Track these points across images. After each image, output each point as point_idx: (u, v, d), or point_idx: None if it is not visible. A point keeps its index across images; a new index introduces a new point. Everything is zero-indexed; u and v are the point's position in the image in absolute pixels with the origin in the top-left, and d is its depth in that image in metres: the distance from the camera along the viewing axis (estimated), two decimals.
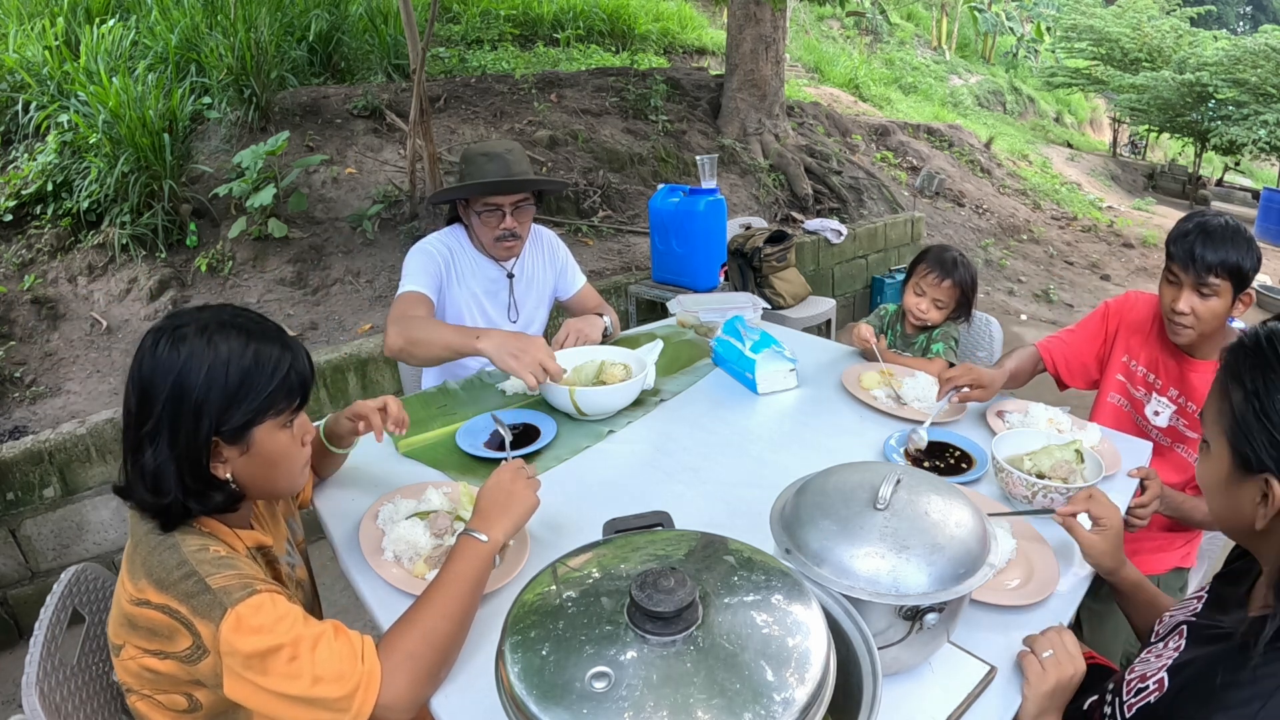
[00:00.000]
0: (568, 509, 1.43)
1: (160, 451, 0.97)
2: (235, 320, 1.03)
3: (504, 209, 2.03)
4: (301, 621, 0.93)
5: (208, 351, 0.98)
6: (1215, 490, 0.88)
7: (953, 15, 15.37)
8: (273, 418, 1.03)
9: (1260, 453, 0.79)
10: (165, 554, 0.96)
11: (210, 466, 1.01)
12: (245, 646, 0.90)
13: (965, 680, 1.04)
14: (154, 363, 0.98)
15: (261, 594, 0.93)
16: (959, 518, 0.99)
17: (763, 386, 1.93)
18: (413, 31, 4.01)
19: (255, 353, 1.00)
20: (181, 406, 0.97)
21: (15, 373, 3.21)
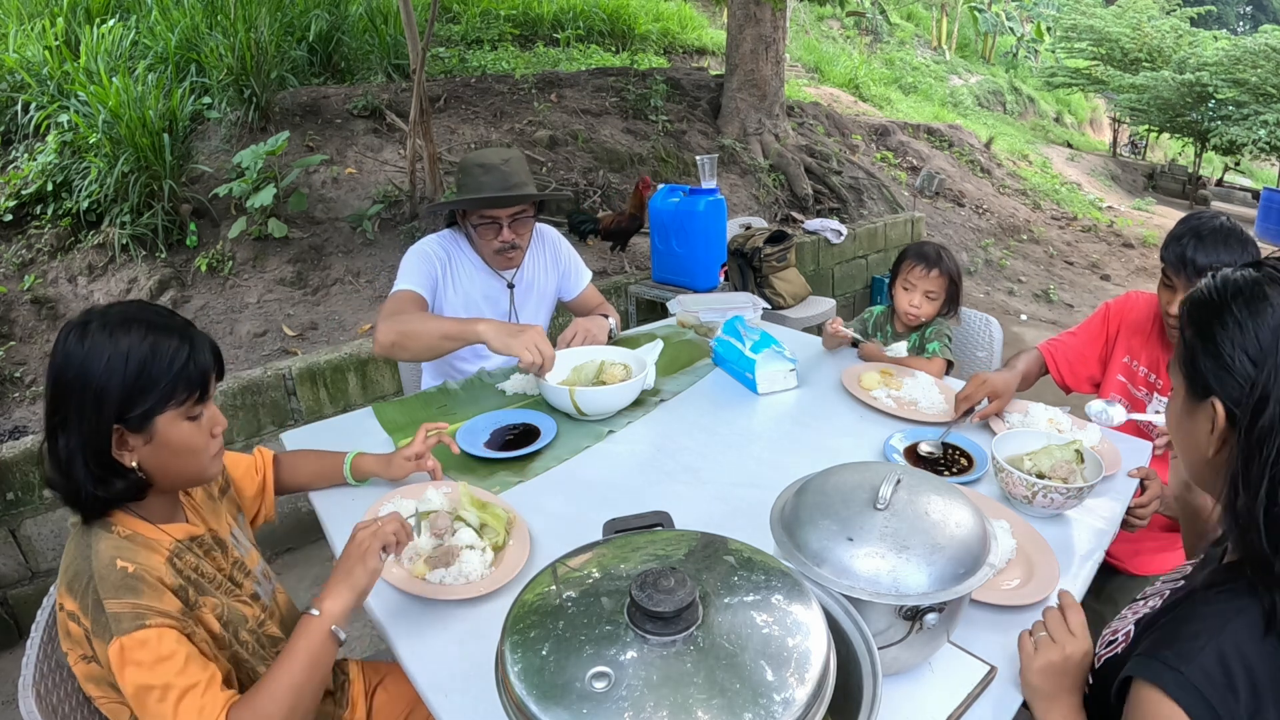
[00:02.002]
0: (568, 509, 1.42)
1: (71, 439, 1.01)
2: (139, 315, 1.06)
3: (501, 221, 2.00)
4: (178, 667, 0.95)
5: (109, 343, 1.01)
6: (1178, 426, 0.94)
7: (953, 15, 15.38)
8: (174, 408, 1.05)
9: (1207, 375, 0.85)
10: (81, 564, 1.00)
11: (116, 454, 1.03)
12: (123, 677, 0.93)
13: (965, 680, 1.03)
14: (63, 355, 1.02)
15: (149, 629, 0.95)
16: (959, 518, 0.99)
17: (763, 386, 1.93)
18: (413, 31, 4.01)
19: (153, 344, 1.03)
20: (85, 396, 1.00)
21: (15, 373, 3.21)
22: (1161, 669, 0.81)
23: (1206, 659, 0.79)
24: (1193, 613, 0.85)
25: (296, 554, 2.88)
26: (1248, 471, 0.80)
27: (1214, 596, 0.85)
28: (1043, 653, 0.97)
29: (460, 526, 1.32)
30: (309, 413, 3.02)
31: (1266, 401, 0.78)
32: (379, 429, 1.82)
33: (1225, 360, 0.83)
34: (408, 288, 1.98)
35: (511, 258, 2.09)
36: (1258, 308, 0.82)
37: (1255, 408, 0.79)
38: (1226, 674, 0.78)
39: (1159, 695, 0.80)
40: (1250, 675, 0.77)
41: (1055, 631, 0.99)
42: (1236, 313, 0.83)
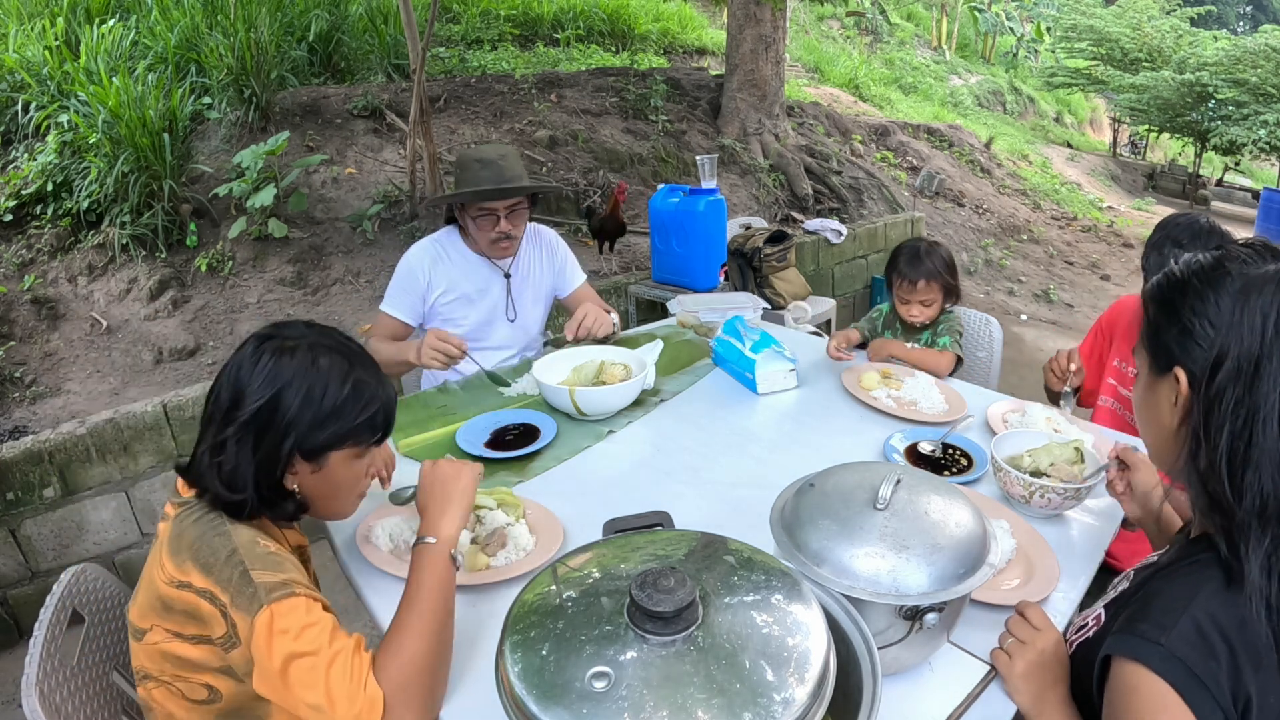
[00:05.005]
0: (568, 509, 1.42)
1: (243, 454, 1.01)
2: (341, 346, 1.07)
3: (498, 213, 2.06)
4: (329, 632, 0.94)
5: (311, 371, 1.02)
6: (1142, 405, 0.97)
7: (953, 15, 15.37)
8: (351, 446, 1.07)
9: (1170, 346, 0.89)
10: (216, 540, 0.98)
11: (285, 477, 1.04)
12: (272, 645, 0.91)
13: (965, 680, 1.04)
14: (254, 369, 1.01)
15: (298, 597, 0.94)
16: (959, 518, 0.99)
17: (763, 386, 1.93)
18: (413, 31, 4.01)
19: (355, 383, 1.04)
20: (274, 418, 1.00)
21: (15, 373, 3.21)
22: (1140, 643, 0.82)
23: (1184, 628, 0.80)
24: (1163, 587, 0.87)
25: None
26: (1208, 425, 0.83)
27: (1181, 569, 0.87)
28: (1019, 657, 0.98)
29: (484, 513, 1.34)
30: None
31: (1225, 356, 0.82)
32: None
33: (1186, 326, 0.87)
34: (386, 312, 2.14)
35: (506, 247, 2.15)
36: (1217, 279, 0.86)
37: (1214, 364, 0.83)
38: (1205, 640, 0.79)
39: (1141, 670, 0.81)
40: (1226, 638, 0.79)
41: (1022, 633, 1.00)
42: (1199, 286, 0.87)
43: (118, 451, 2.61)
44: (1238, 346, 0.81)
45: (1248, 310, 0.82)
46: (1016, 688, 0.98)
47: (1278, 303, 0.81)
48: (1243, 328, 0.81)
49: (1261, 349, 0.80)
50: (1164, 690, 0.79)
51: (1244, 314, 0.82)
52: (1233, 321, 0.82)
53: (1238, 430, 0.81)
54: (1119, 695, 0.83)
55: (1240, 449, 0.81)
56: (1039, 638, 0.98)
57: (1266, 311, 0.81)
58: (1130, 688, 0.82)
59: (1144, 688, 0.80)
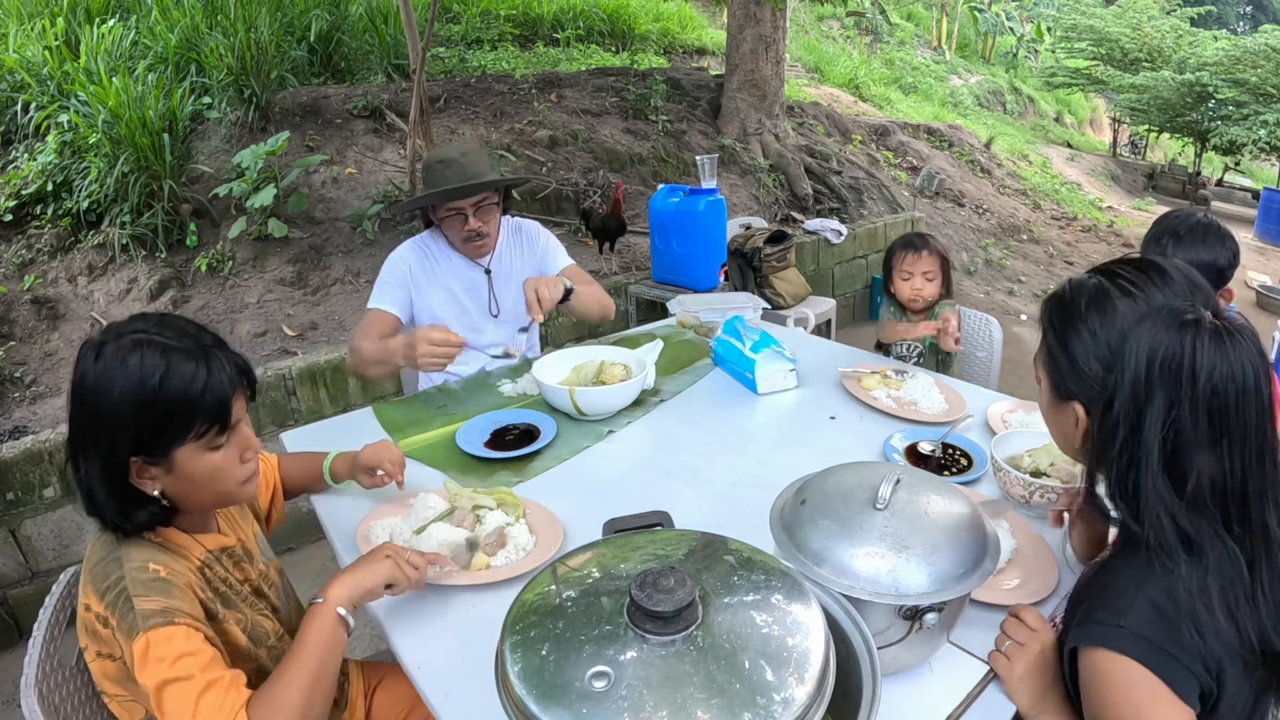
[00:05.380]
0: (568, 509, 1.43)
1: (91, 467, 0.98)
2: (156, 335, 0.99)
3: (465, 212, 2.05)
4: (205, 663, 0.94)
5: (120, 370, 0.95)
6: (1048, 417, 1.04)
7: (953, 15, 15.37)
8: (193, 440, 1.00)
9: (1067, 381, 0.95)
10: (109, 566, 0.99)
11: (136, 483, 1.00)
12: (145, 672, 0.92)
13: (965, 680, 1.04)
14: (79, 376, 0.97)
15: (177, 626, 0.94)
16: (959, 518, 0.99)
17: (763, 386, 1.93)
18: (413, 31, 4.01)
19: (167, 373, 0.96)
20: (100, 424, 0.96)
21: (15, 373, 3.21)
22: (1100, 630, 0.84)
23: (1140, 607, 0.83)
24: (1112, 578, 0.90)
25: (296, 554, 2.88)
26: (1103, 459, 0.89)
27: (1127, 560, 0.89)
28: (1017, 658, 0.99)
29: (484, 513, 1.34)
30: (309, 413, 3.02)
31: (1113, 401, 0.87)
32: (379, 429, 1.82)
33: (1080, 367, 0.93)
34: (376, 307, 2.10)
35: (480, 245, 2.14)
36: (1108, 319, 0.91)
37: (1105, 406, 0.88)
38: (1162, 615, 0.81)
39: (1107, 654, 0.83)
40: (1184, 611, 0.81)
41: (1020, 635, 1.00)
42: (1090, 323, 0.92)
43: None
44: (1126, 388, 0.85)
45: (1135, 351, 0.84)
46: (1016, 689, 0.98)
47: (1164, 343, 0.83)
48: (1130, 370, 0.85)
49: (1146, 392, 0.84)
50: (1133, 668, 0.81)
51: (1131, 355, 0.85)
52: (1122, 363, 0.86)
53: (1125, 466, 0.86)
54: (1093, 684, 0.85)
55: (1130, 482, 0.86)
56: (1036, 638, 0.99)
57: (1153, 353, 0.83)
58: (1102, 674, 0.84)
59: (1114, 670, 0.82)
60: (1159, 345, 0.83)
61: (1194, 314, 0.84)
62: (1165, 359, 0.83)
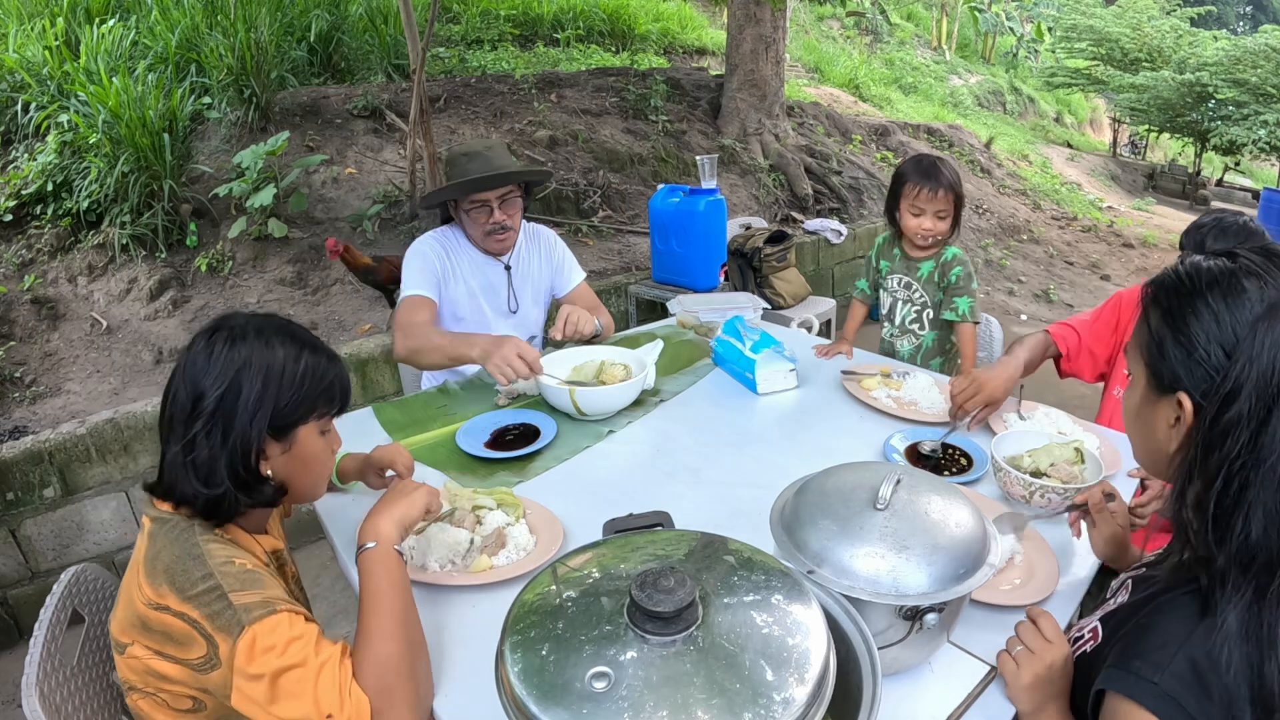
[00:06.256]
0: (568, 509, 1.43)
1: (214, 446, 1.01)
2: (289, 329, 1.10)
3: (491, 204, 2.06)
4: (314, 644, 0.94)
5: (265, 353, 1.04)
6: (1136, 417, 0.92)
7: (953, 15, 15.37)
8: (315, 419, 1.10)
9: (1175, 366, 0.83)
10: (190, 564, 0.97)
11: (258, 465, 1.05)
12: (256, 665, 0.91)
13: (965, 680, 1.04)
14: (209, 361, 1.02)
15: (280, 613, 0.94)
16: (959, 518, 0.99)
17: (763, 386, 1.93)
18: (413, 31, 4.01)
19: (308, 358, 1.07)
20: (238, 402, 1.01)
21: (15, 373, 3.21)
22: (1135, 681, 0.80)
23: (1178, 667, 0.78)
24: (1157, 620, 0.84)
25: (297, 554, 2.87)
26: (1205, 463, 0.78)
27: (1178, 599, 0.83)
28: (1026, 667, 0.95)
29: (484, 513, 1.34)
30: None
31: (1237, 395, 0.76)
32: (379, 429, 1.82)
33: (1199, 352, 0.80)
34: (416, 292, 2.06)
35: (503, 239, 2.14)
36: (1235, 300, 0.79)
37: (1224, 400, 0.77)
38: (1199, 680, 0.77)
39: (1136, 709, 0.79)
40: (1221, 677, 0.76)
41: (1033, 642, 0.97)
42: (1213, 303, 0.80)
43: (118, 451, 2.61)
44: (1253, 384, 0.75)
45: (1269, 341, 0.75)
46: (1019, 697, 0.96)
47: None
48: (1261, 361, 0.75)
49: (1278, 389, 0.74)
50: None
51: (1264, 345, 0.75)
52: (1250, 353, 0.75)
53: (1235, 472, 0.76)
54: None
55: (1234, 491, 0.76)
56: (1049, 650, 0.95)
57: None
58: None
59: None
60: None
61: None
62: None
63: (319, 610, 2.42)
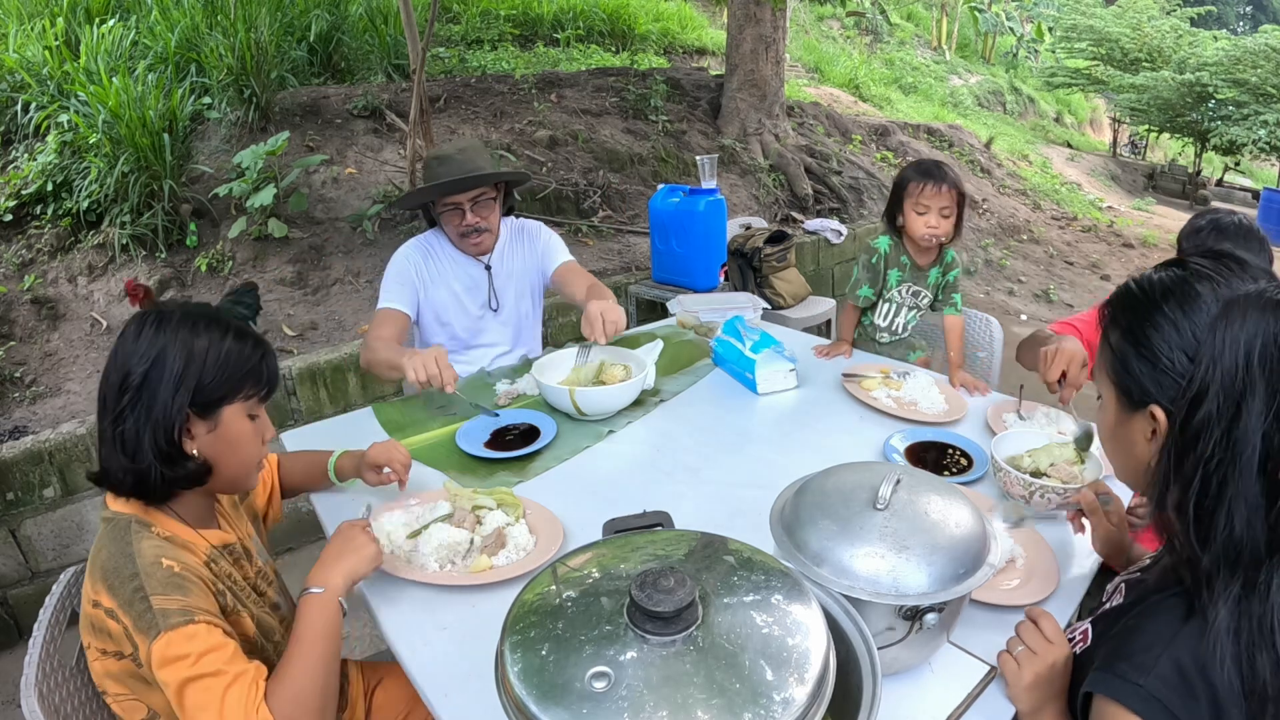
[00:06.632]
0: (568, 509, 1.43)
1: (139, 418, 1.03)
2: (218, 317, 1.11)
3: (463, 206, 2.07)
4: (227, 657, 0.95)
5: (190, 336, 1.06)
6: (1112, 438, 0.92)
7: (953, 15, 15.37)
8: (241, 400, 1.10)
9: (1143, 380, 0.84)
10: (121, 561, 0.99)
11: (180, 439, 1.06)
12: (167, 671, 0.92)
13: (965, 680, 1.04)
14: (135, 342, 1.05)
15: (198, 624, 0.95)
16: (959, 518, 0.99)
17: (762, 386, 1.93)
18: (413, 31, 4.01)
19: (232, 342, 1.09)
20: (162, 377, 1.04)
21: (15, 373, 3.21)
22: (1120, 684, 0.80)
23: (1164, 669, 0.78)
24: (1143, 623, 0.84)
25: (297, 554, 2.88)
26: (1181, 467, 0.79)
27: (1165, 602, 0.84)
28: (1027, 667, 0.95)
29: (484, 513, 1.34)
30: (309, 413, 3.02)
31: (1205, 395, 0.77)
32: (379, 429, 1.82)
33: (1163, 362, 0.81)
34: (385, 306, 2.10)
35: (478, 241, 2.14)
36: (1191, 305, 0.81)
37: (1193, 403, 0.78)
38: (1184, 681, 0.77)
39: (1120, 710, 0.80)
40: (1207, 679, 0.76)
41: (1034, 643, 0.97)
42: (1170, 313, 0.81)
43: None
44: (1218, 382, 0.76)
45: (1228, 339, 0.76)
46: (1019, 696, 0.97)
47: (1261, 328, 0.74)
48: (1224, 360, 0.76)
49: (1244, 384, 0.74)
50: None
51: (1224, 344, 0.76)
52: (1212, 354, 0.76)
53: (1212, 471, 0.76)
54: None
55: (1213, 490, 0.77)
56: (1050, 651, 0.95)
57: (1250, 340, 0.75)
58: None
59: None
60: (1256, 329, 0.74)
61: None
62: (1265, 343, 0.74)
63: None
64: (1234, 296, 0.78)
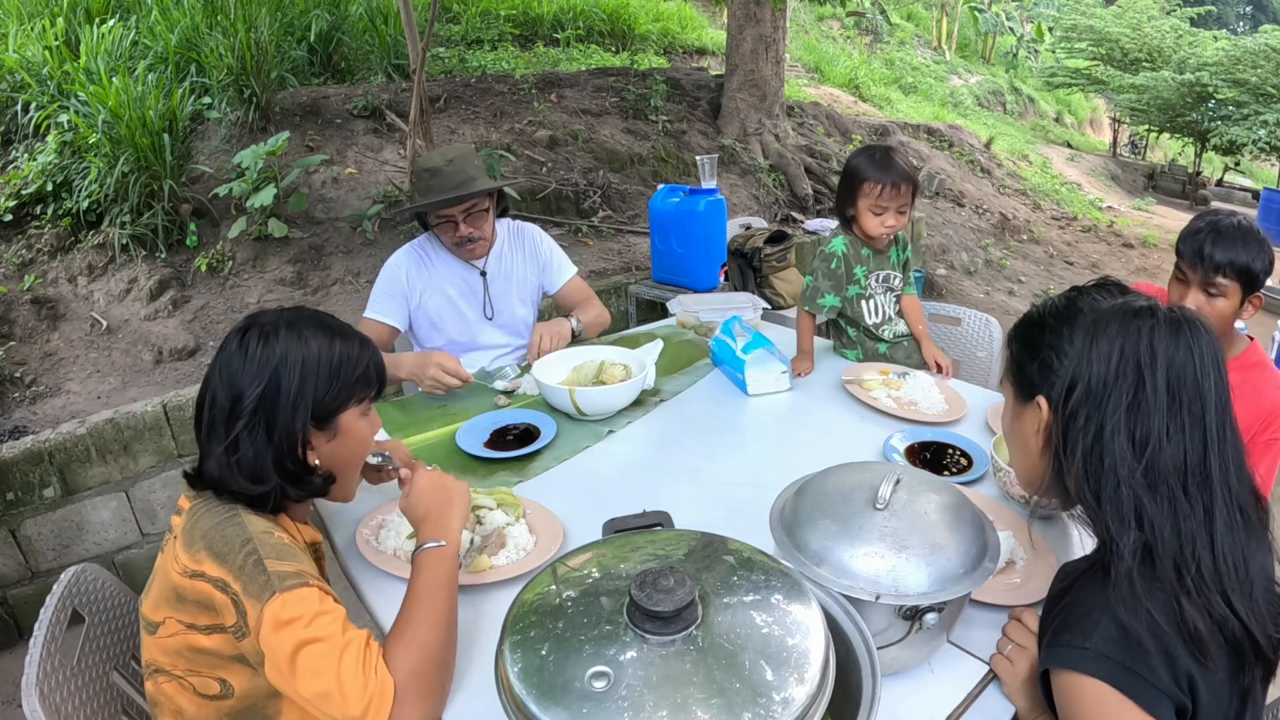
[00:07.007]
0: (568, 509, 1.43)
1: (258, 443, 1.03)
2: (318, 319, 1.12)
3: (455, 219, 2.07)
4: (341, 622, 0.95)
5: (300, 346, 1.06)
6: (1010, 434, 1.05)
7: (953, 15, 15.37)
8: (356, 404, 1.12)
9: (1032, 377, 0.97)
10: (230, 529, 0.99)
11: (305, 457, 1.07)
12: (283, 632, 0.92)
13: (965, 680, 1.04)
14: (245, 359, 1.04)
15: (311, 587, 0.95)
16: (959, 518, 0.99)
17: (753, 388, 1.93)
18: (413, 31, 4.01)
19: (340, 346, 1.09)
20: (279, 397, 1.03)
21: (15, 373, 3.21)
22: (1068, 652, 0.85)
23: (1105, 629, 0.83)
24: (1080, 596, 0.91)
25: None
26: (1066, 442, 0.92)
27: (1093, 574, 0.91)
28: (1020, 663, 1.00)
29: (484, 513, 1.34)
30: None
31: (1077, 382, 0.91)
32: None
33: (1045, 359, 0.95)
34: (368, 316, 2.12)
35: (472, 249, 2.15)
36: (1071, 316, 0.95)
37: (1068, 389, 0.91)
38: (1127, 635, 0.82)
39: (1075, 676, 0.83)
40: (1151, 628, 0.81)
41: (1023, 640, 1.02)
42: (1054, 323, 0.97)
43: (118, 451, 2.61)
44: (1088, 372, 0.90)
45: (1097, 341, 0.90)
46: (1016, 694, 0.99)
47: (1123, 333, 0.89)
48: (1092, 355, 0.90)
49: (1110, 374, 0.88)
50: (1101, 689, 0.81)
51: (1094, 344, 0.90)
52: (1083, 351, 0.91)
53: (1089, 445, 0.89)
54: (1065, 706, 0.86)
55: (1095, 460, 0.88)
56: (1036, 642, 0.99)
57: (1113, 340, 0.89)
58: (1071, 695, 0.84)
59: (1083, 692, 0.83)
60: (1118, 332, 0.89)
61: (1148, 303, 0.91)
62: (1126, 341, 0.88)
63: None
64: (1105, 308, 0.93)
